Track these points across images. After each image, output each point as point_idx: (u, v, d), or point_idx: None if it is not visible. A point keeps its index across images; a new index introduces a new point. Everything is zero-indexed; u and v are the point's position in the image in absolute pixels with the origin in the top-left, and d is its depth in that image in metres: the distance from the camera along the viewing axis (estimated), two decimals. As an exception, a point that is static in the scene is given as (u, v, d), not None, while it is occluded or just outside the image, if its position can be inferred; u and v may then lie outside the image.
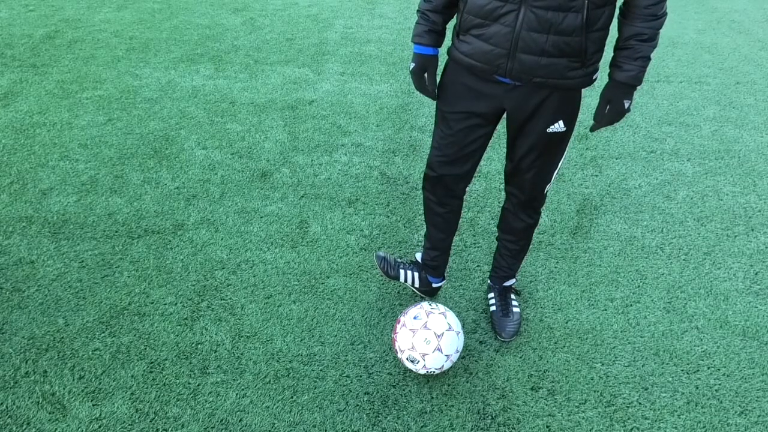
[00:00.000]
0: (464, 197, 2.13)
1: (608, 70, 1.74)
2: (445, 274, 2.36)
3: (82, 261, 2.49)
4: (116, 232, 2.65)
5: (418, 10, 1.84)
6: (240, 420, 1.92)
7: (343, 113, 3.63)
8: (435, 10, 1.79)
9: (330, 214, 2.80)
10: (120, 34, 4.55)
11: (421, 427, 1.93)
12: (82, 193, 2.87)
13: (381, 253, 2.35)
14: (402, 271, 2.32)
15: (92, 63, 4.09)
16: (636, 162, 3.28)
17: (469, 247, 2.65)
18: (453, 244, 2.31)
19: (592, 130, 1.86)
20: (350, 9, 5.24)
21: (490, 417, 1.97)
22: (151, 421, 1.91)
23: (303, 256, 2.56)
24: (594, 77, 1.76)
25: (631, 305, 2.39)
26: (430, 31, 1.82)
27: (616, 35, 1.72)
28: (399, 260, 2.36)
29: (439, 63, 1.90)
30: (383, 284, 2.44)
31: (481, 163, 3.18)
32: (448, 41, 1.88)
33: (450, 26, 1.85)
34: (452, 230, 2.22)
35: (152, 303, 2.32)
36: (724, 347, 2.24)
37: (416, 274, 2.32)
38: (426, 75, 1.87)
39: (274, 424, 1.92)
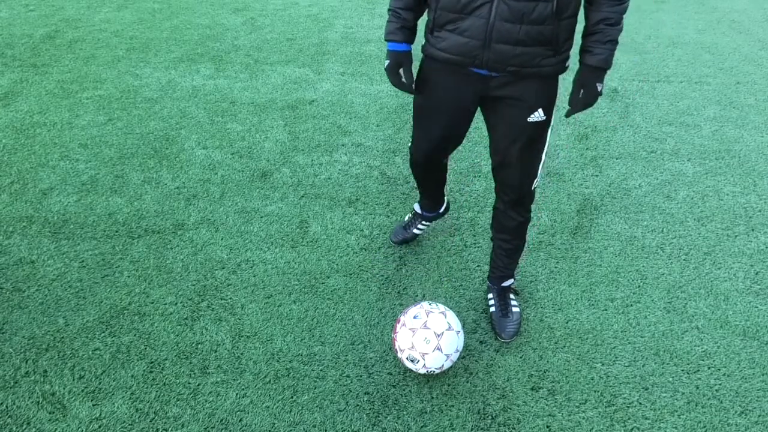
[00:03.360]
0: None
1: (578, 58, 1.83)
2: (444, 200, 2.52)
3: (83, 261, 2.49)
4: (116, 232, 2.65)
5: (389, 9, 1.89)
6: (240, 420, 1.92)
7: (344, 113, 3.63)
8: (406, 8, 1.85)
9: (330, 214, 2.80)
10: (120, 34, 4.55)
11: (421, 427, 1.93)
12: (82, 193, 2.87)
13: (395, 238, 2.59)
14: (414, 229, 2.56)
15: (92, 63, 4.10)
16: (636, 162, 3.28)
17: (469, 247, 2.64)
18: (453, 244, 2.32)
19: (567, 115, 1.93)
20: (350, 9, 5.24)
21: (490, 417, 1.97)
22: (151, 421, 1.91)
23: (303, 256, 2.56)
24: (566, 64, 1.84)
25: (631, 305, 2.39)
26: (402, 28, 1.87)
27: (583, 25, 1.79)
28: (405, 226, 2.59)
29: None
30: (383, 284, 2.44)
31: (482, 163, 3.18)
32: (421, 39, 1.90)
33: (421, 25, 1.89)
34: (443, 183, 2.38)
35: (152, 303, 2.32)
36: (725, 347, 2.24)
37: (424, 221, 2.55)
38: (402, 71, 1.92)
39: (274, 424, 1.92)
